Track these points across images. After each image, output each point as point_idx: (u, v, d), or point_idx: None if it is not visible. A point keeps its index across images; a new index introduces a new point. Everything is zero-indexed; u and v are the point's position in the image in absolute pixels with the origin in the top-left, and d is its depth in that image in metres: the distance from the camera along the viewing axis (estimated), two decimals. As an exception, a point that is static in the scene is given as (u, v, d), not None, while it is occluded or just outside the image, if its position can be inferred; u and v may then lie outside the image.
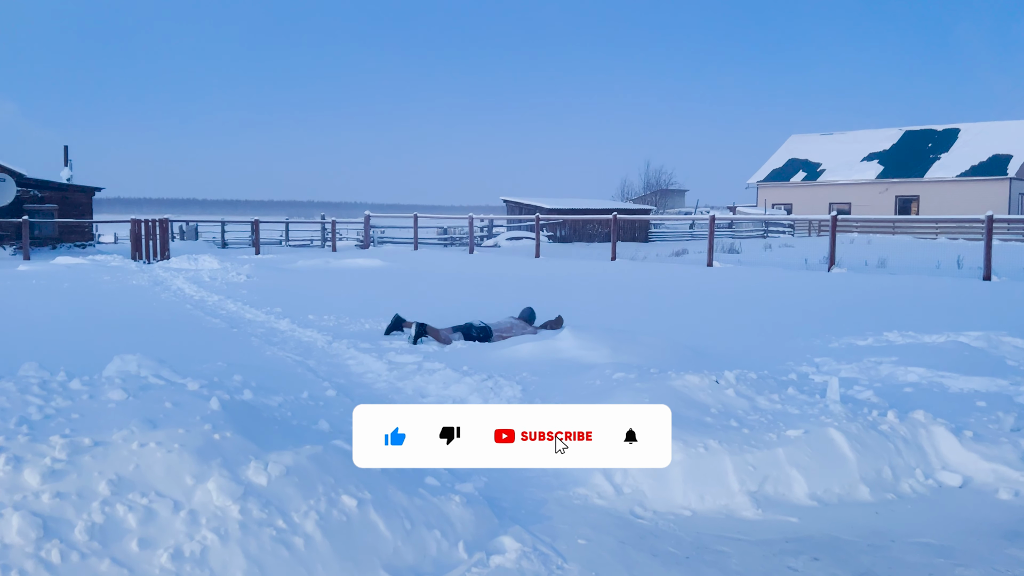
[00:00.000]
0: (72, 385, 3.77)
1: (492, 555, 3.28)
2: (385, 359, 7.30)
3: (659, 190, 58.51)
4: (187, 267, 18.28)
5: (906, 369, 6.66)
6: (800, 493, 4.09)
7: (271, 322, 9.87)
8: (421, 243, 28.21)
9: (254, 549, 2.88)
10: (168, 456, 3.12)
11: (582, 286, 14.50)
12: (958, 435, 4.65)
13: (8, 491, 2.80)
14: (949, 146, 44.31)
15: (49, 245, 26.39)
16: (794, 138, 51.76)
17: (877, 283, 13.65)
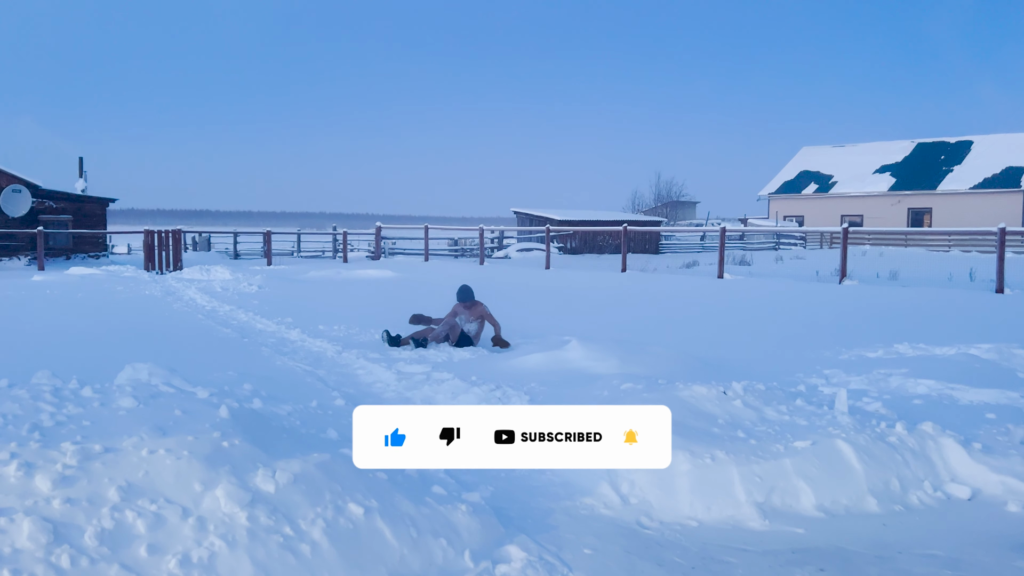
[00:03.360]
0: (84, 393, 3.81)
1: (498, 564, 3.29)
2: (394, 369, 7.33)
3: (670, 202, 58.46)
4: (199, 278, 18.40)
5: (916, 381, 6.64)
6: (807, 504, 4.09)
7: (282, 332, 9.92)
8: (432, 254, 28.28)
9: (261, 556, 2.90)
10: (177, 463, 3.15)
11: (592, 297, 14.50)
12: (967, 447, 4.63)
13: (20, 496, 2.83)
14: (962, 158, 44.10)
15: (63, 255, 26.59)
16: (805, 150, 51.65)
17: (888, 295, 13.59)
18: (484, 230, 26.07)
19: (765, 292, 14.67)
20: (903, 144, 47.61)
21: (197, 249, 34.96)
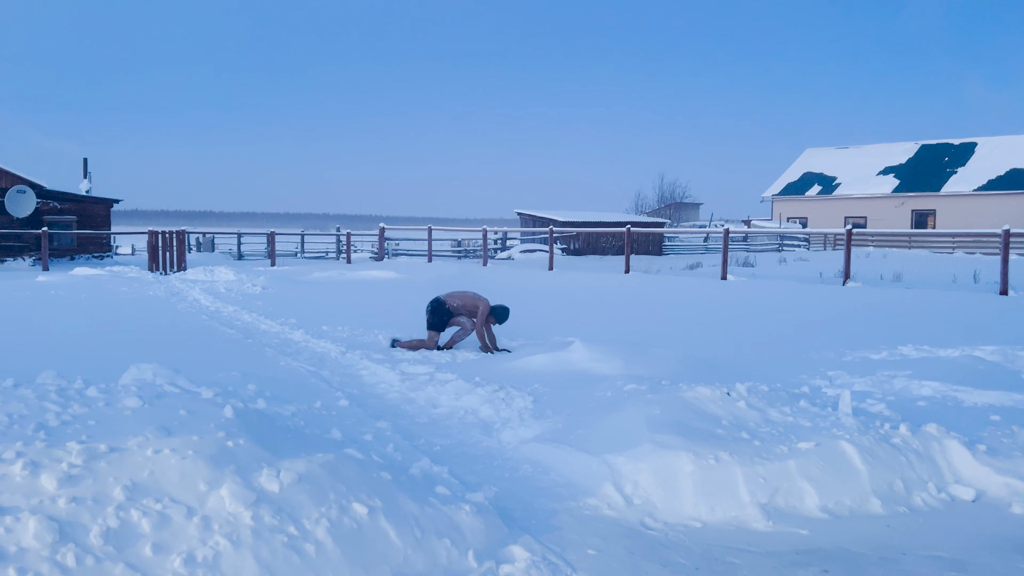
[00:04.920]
0: (89, 393, 3.82)
1: (502, 564, 3.29)
2: (398, 370, 7.34)
3: (673, 203, 58.44)
4: (203, 278, 18.43)
5: (920, 383, 6.63)
6: (811, 505, 4.08)
7: (286, 333, 9.94)
8: (435, 256, 28.30)
9: (266, 555, 2.90)
10: (182, 462, 3.15)
11: (595, 298, 14.50)
12: (972, 449, 4.63)
13: (25, 495, 2.84)
14: (966, 160, 44.02)
15: (67, 256, 26.66)
16: (809, 152, 51.60)
17: (892, 297, 13.57)
18: (487, 231, 26.06)
19: (769, 294, 14.66)
20: (907, 146, 47.54)
21: (201, 250, 35.01)
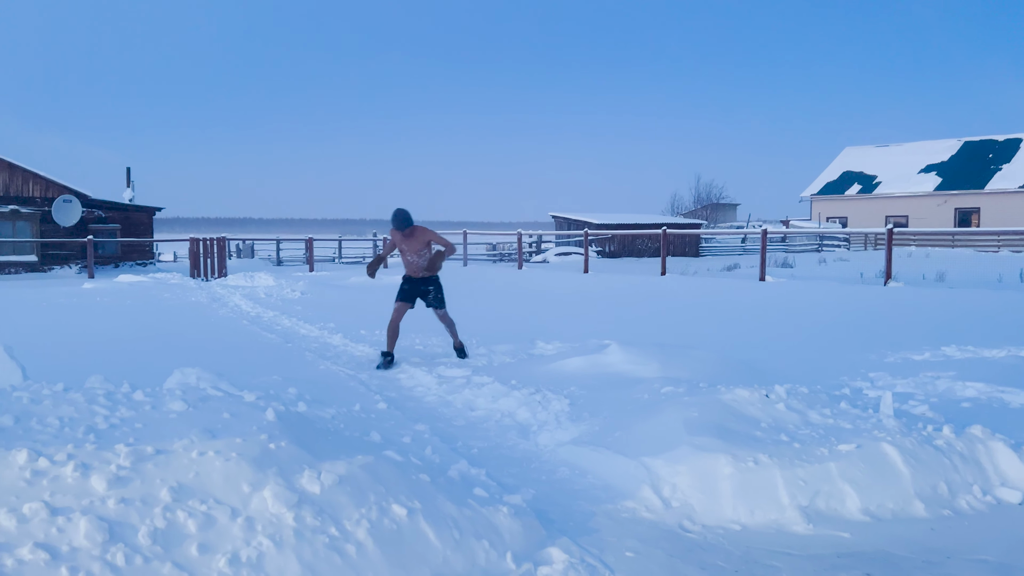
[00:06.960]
0: (136, 396, 3.92)
1: (540, 566, 3.30)
2: (435, 373, 7.39)
3: (710, 204, 57.95)
4: (243, 284, 18.73)
5: (964, 384, 6.52)
6: (852, 508, 4.03)
7: (324, 337, 10.06)
8: (470, 259, 28.40)
9: (308, 555, 2.95)
10: (226, 464, 3.22)
11: (631, 300, 14.44)
12: (1018, 451, 4.54)
13: (77, 496, 2.92)
14: (1011, 156, 43.06)
15: (112, 263, 27.25)
16: (848, 150, 50.86)
17: (935, 297, 13.32)
18: (522, 234, 26.08)
19: (808, 294, 14.47)
20: (949, 143, 46.65)
21: (241, 256, 35.57)
